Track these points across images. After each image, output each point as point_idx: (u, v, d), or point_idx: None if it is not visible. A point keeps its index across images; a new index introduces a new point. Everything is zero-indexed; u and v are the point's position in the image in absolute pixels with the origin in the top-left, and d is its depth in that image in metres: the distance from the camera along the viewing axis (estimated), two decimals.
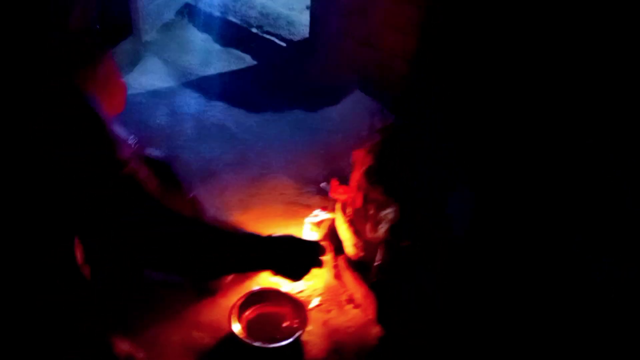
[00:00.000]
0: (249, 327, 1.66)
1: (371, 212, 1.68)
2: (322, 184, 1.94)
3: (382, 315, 1.71)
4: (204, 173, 2.46)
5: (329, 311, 1.80)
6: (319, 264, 1.39)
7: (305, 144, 2.76)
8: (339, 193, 1.86)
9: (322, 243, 1.76)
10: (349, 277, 1.81)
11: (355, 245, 1.76)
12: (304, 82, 3.31)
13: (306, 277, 1.36)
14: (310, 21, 3.41)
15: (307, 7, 3.82)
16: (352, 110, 3.03)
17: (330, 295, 1.86)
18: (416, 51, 2.49)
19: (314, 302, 1.78)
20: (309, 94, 3.18)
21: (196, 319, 1.75)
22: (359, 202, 1.72)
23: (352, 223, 1.78)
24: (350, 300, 1.82)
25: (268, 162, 2.60)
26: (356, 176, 1.75)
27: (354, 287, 1.79)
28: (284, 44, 3.79)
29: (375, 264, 1.68)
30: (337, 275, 1.90)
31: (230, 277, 1.84)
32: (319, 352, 1.65)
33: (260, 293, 1.77)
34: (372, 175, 1.67)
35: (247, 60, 3.66)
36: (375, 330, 1.71)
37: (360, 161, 1.71)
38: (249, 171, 2.53)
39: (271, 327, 1.70)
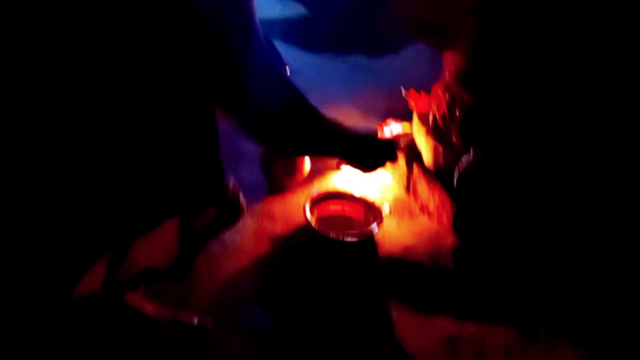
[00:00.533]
0: (321, 222, 1.62)
1: (459, 115, 1.63)
2: (403, 92, 1.89)
3: (459, 223, 1.66)
4: None
5: (401, 218, 1.75)
6: (394, 159, 1.47)
7: (368, 82, 2.72)
8: (418, 102, 1.81)
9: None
10: (423, 186, 1.76)
11: (436, 153, 1.71)
12: (364, 31, 3.26)
13: (381, 169, 1.45)
14: None
15: None
16: (415, 58, 2.98)
17: (402, 205, 1.82)
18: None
19: (385, 209, 1.74)
20: (370, 42, 3.14)
21: (268, 210, 1.72)
22: (444, 106, 1.68)
23: (434, 130, 1.73)
24: (423, 209, 1.78)
25: (330, 94, 2.56)
26: (443, 79, 1.70)
27: (427, 196, 1.75)
28: None
29: (459, 170, 1.63)
30: (407, 188, 1.86)
31: (302, 177, 1.81)
32: (393, 251, 1.61)
33: (333, 193, 1.74)
34: (463, 77, 1.62)
35: (302, 11, 3.62)
36: (450, 238, 1.66)
37: (449, 63, 1.66)
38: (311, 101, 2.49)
39: (344, 224, 1.66)
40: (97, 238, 0.94)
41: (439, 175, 1.73)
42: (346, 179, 1.90)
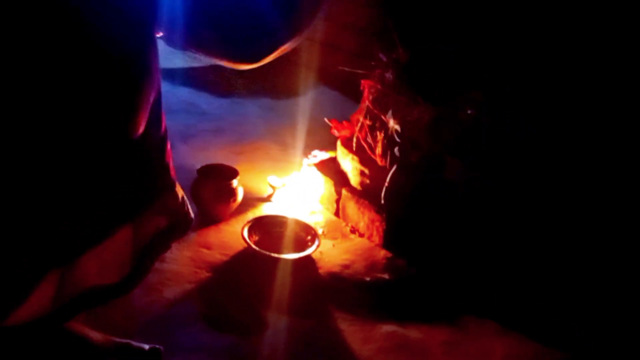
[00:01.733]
0: (259, 244, 1.64)
1: (381, 137, 1.77)
2: (326, 120, 2.01)
3: (389, 238, 1.76)
4: (182, 136, 2.44)
5: (334, 238, 1.82)
6: None
7: (279, 120, 2.82)
8: (340, 128, 1.93)
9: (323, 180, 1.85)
10: (352, 208, 1.85)
11: (361, 173, 1.82)
12: (264, 79, 3.41)
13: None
14: None
15: None
16: (319, 99, 3.15)
17: (333, 228, 1.89)
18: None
19: (319, 231, 1.80)
20: (271, 88, 3.28)
21: (204, 240, 1.71)
22: (365, 129, 1.81)
23: (358, 152, 1.85)
24: (354, 230, 1.86)
25: (245, 130, 2.62)
26: (362, 106, 1.84)
27: (357, 216, 1.84)
28: None
29: (384, 187, 1.75)
30: (337, 213, 1.94)
31: (235, 206, 1.83)
32: (331, 267, 1.67)
33: (268, 218, 1.77)
34: (382, 101, 1.77)
35: (208, 60, 3.69)
36: (382, 252, 1.76)
37: (368, 89, 1.81)
38: (228, 137, 2.54)
39: (282, 244, 1.69)
40: (40, 252, 0.90)
41: (366, 195, 1.83)
42: (278, 206, 1.94)
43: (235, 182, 1.78)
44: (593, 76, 1.57)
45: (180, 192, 1.18)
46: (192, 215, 1.23)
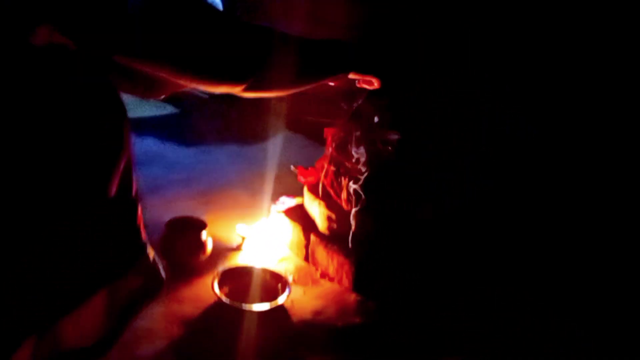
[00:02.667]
0: (231, 296, 1.66)
1: (345, 182, 1.83)
2: (292, 167, 2.06)
3: (358, 282, 1.80)
4: (150, 188, 2.45)
5: (305, 284, 1.85)
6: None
7: (247, 166, 2.86)
8: (306, 175, 1.98)
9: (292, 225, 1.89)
10: (321, 253, 1.89)
11: (328, 218, 1.87)
12: (230, 126, 3.48)
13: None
14: None
15: None
16: (283, 144, 3.22)
17: (303, 273, 1.92)
18: None
19: (289, 278, 1.83)
20: (238, 135, 3.34)
21: (175, 294, 1.71)
22: (330, 175, 1.86)
23: (324, 198, 1.90)
24: (324, 275, 1.89)
25: (214, 179, 2.65)
26: (326, 152, 1.90)
27: (327, 261, 1.88)
28: (205, 96, 3.97)
29: (352, 231, 1.80)
30: (306, 258, 1.97)
31: (205, 257, 1.84)
32: (303, 314, 1.69)
33: (239, 268, 1.79)
34: (345, 148, 1.84)
35: (169, 109, 3.76)
36: (352, 296, 1.79)
37: (332, 136, 1.88)
38: (197, 186, 2.57)
39: (253, 295, 1.71)
40: (18, 321, 0.91)
41: (335, 239, 1.87)
42: (248, 255, 1.96)
43: (204, 234, 1.80)
44: (593, 75, 1.63)
45: (151, 253, 1.20)
46: (164, 275, 1.24)
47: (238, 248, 2.00)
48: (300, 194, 2.11)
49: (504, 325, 1.59)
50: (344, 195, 1.83)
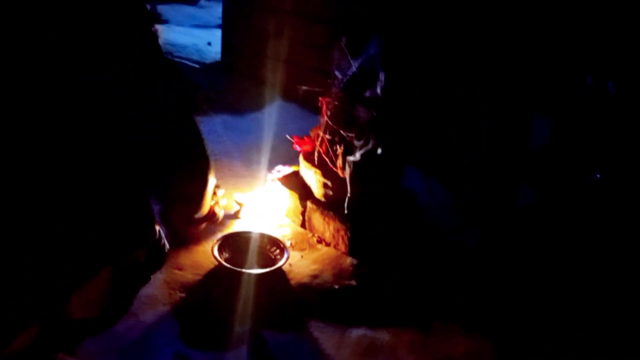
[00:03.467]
0: (231, 261, 1.70)
1: (340, 150, 1.85)
2: (287, 136, 2.08)
3: (354, 246, 1.85)
4: None
5: (302, 249, 1.89)
6: None
7: (240, 138, 2.87)
8: (302, 144, 2.01)
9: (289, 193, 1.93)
10: (318, 219, 1.93)
11: (324, 185, 1.91)
12: (223, 95, 3.47)
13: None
14: (222, 45, 3.69)
15: (209, 44, 4.21)
16: (277, 114, 3.22)
17: (300, 239, 1.96)
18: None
19: (286, 243, 1.87)
20: (232, 103, 3.34)
21: (175, 261, 1.75)
22: (325, 143, 1.89)
23: (319, 166, 1.93)
24: (320, 240, 1.94)
25: (210, 148, 2.65)
26: (321, 122, 1.93)
27: (323, 227, 1.92)
28: (197, 66, 3.96)
29: (347, 198, 1.83)
30: (303, 224, 2.02)
31: (203, 226, 1.87)
32: (301, 278, 1.74)
33: (235, 235, 1.83)
34: (340, 117, 1.86)
35: None
36: (348, 260, 1.84)
37: (326, 105, 1.90)
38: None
39: (252, 260, 1.75)
40: (31, 297, 0.94)
41: (330, 206, 1.91)
42: (246, 222, 2.00)
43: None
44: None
45: (157, 227, 1.24)
46: (167, 246, 1.28)
47: (236, 216, 2.04)
48: (296, 163, 2.14)
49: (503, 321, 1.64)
50: (339, 162, 1.86)
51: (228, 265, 1.64)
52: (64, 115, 0.89)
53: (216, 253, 1.68)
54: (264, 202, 2.08)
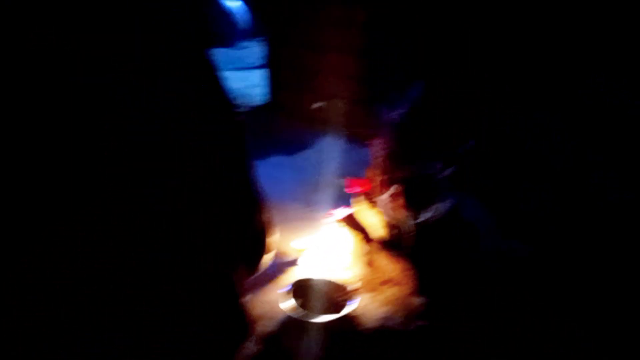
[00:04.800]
0: (298, 310, 1.70)
1: (399, 190, 1.84)
2: (337, 180, 2.08)
3: (423, 285, 1.81)
4: None
5: (369, 292, 1.87)
6: None
7: (293, 178, 2.89)
8: (357, 186, 2.00)
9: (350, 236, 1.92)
10: (383, 260, 1.91)
11: (385, 226, 1.89)
12: (273, 136, 3.53)
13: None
14: (268, 86, 3.92)
15: (252, 86, 4.42)
16: (328, 150, 3.24)
17: (367, 281, 1.94)
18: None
19: (353, 287, 1.85)
20: (282, 143, 3.38)
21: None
22: (382, 184, 1.88)
23: (379, 207, 1.92)
24: (387, 281, 1.91)
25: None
26: (375, 162, 1.92)
27: (389, 267, 1.89)
28: (243, 109, 4.05)
29: (411, 237, 1.81)
30: (367, 266, 1.99)
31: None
32: (371, 322, 1.71)
33: (301, 283, 1.83)
34: (395, 158, 1.85)
35: None
36: (418, 300, 1.80)
37: (379, 147, 1.89)
38: None
39: (321, 307, 1.74)
40: None
41: (394, 245, 1.88)
42: (307, 268, 1.99)
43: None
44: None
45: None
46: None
47: (296, 262, 2.03)
48: (352, 203, 2.12)
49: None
50: (397, 202, 1.84)
51: (297, 315, 1.63)
52: (64, 115, 0.89)
53: (284, 303, 1.68)
54: (324, 246, 2.07)
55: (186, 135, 1.06)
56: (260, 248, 1.29)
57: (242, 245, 1.24)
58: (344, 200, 2.20)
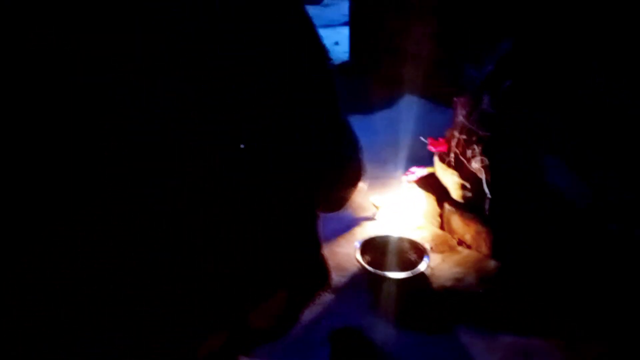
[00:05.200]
0: (372, 264, 1.75)
1: (478, 150, 1.82)
2: (421, 138, 2.09)
3: (497, 249, 1.80)
4: None
5: (442, 252, 1.89)
6: None
7: (372, 138, 2.90)
8: (437, 145, 2.00)
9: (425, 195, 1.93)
10: (457, 221, 1.91)
11: (462, 187, 1.88)
12: (354, 95, 3.54)
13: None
14: (350, 45, 3.91)
15: (336, 43, 4.42)
16: (407, 110, 3.22)
17: (440, 242, 1.95)
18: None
19: (426, 246, 1.88)
20: (363, 102, 3.39)
21: None
22: (462, 144, 1.86)
23: (457, 167, 1.91)
24: (460, 243, 1.92)
25: None
26: (456, 122, 1.90)
27: (463, 229, 1.90)
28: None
29: (487, 199, 1.79)
30: (442, 226, 2.01)
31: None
32: (444, 282, 1.74)
33: (375, 239, 1.88)
34: (476, 117, 1.82)
35: None
36: (492, 264, 1.80)
37: (461, 105, 1.87)
38: None
39: (393, 263, 1.79)
40: (229, 305, 1.05)
41: (470, 207, 1.88)
42: (383, 224, 2.04)
43: None
44: None
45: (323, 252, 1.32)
46: (330, 269, 1.36)
47: (373, 217, 2.09)
48: (430, 163, 2.13)
49: None
50: (476, 163, 1.82)
51: (371, 269, 1.70)
52: (63, 115, 0.90)
53: (359, 257, 1.75)
54: (400, 204, 2.11)
55: (186, 135, 1.07)
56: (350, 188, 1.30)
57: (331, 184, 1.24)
58: (422, 160, 2.21)
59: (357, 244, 1.82)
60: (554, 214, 1.72)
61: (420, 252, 1.79)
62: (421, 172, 2.11)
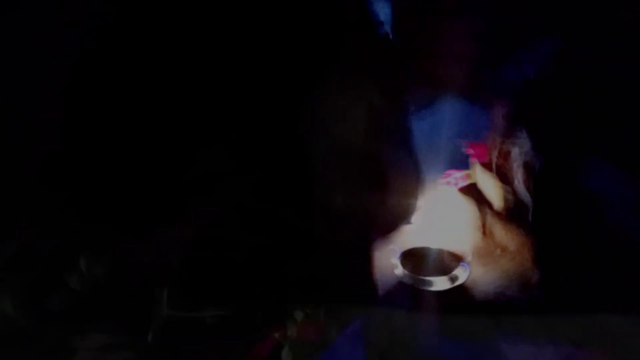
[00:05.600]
0: (413, 275, 1.71)
1: (519, 157, 1.75)
2: (456, 144, 2.02)
3: (542, 259, 1.74)
4: None
5: (485, 262, 1.83)
6: None
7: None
8: (478, 150, 1.93)
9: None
10: (500, 231, 1.85)
11: (505, 195, 1.82)
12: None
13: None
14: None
15: None
16: (444, 111, 3.14)
17: (482, 252, 1.90)
18: None
19: (467, 258, 1.82)
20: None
21: None
22: (503, 150, 1.80)
23: (499, 174, 1.85)
24: (504, 251, 1.86)
25: None
26: (496, 127, 1.83)
27: (506, 239, 1.83)
28: None
29: (531, 208, 1.73)
30: (484, 235, 1.95)
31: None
32: (485, 296, 1.68)
33: (415, 250, 1.84)
34: (516, 123, 1.75)
35: None
36: (536, 275, 1.74)
37: (499, 112, 1.80)
38: None
39: (434, 274, 1.75)
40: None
41: (513, 215, 1.82)
42: (423, 233, 1.99)
43: None
44: None
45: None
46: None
47: (409, 222, 2.03)
48: (467, 166, 2.07)
49: None
50: (519, 174, 1.76)
51: (412, 281, 1.66)
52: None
53: (400, 267, 1.71)
54: (438, 210, 2.05)
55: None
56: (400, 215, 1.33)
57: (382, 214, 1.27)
58: (461, 165, 2.15)
59: (397, 254, 1.78)
60: (601, 223, 1.65)
61: (462, 263, 1.74)
62: (459, 175, 2.05)
